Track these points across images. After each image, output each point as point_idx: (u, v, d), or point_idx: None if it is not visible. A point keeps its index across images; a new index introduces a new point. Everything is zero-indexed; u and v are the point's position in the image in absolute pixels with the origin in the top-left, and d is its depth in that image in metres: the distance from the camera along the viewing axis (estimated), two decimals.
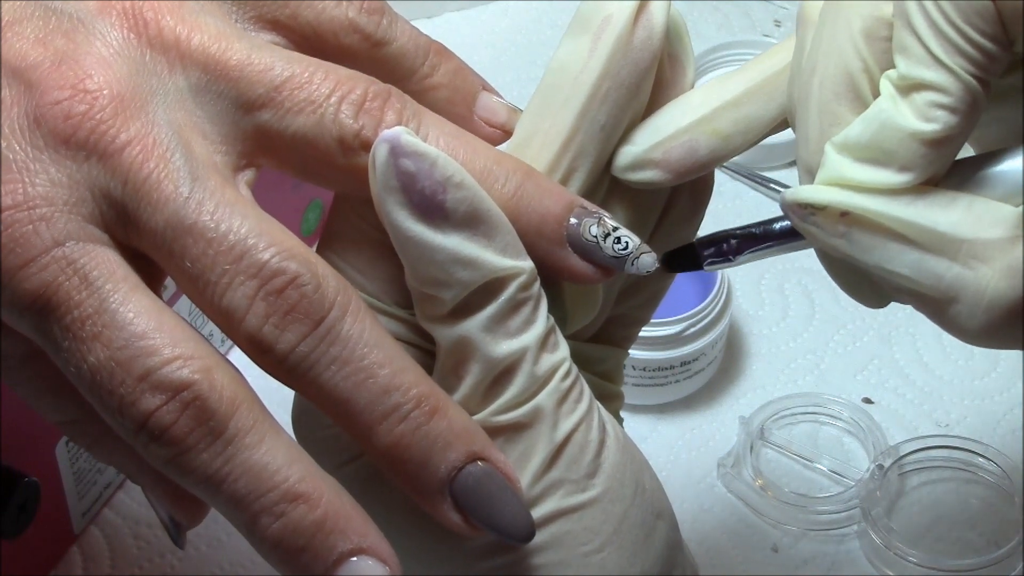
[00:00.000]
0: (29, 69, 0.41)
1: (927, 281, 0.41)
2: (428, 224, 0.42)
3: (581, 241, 0.43)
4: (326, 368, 0.40)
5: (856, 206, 0.41)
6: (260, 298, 0.40)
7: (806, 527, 0.70)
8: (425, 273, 0.42)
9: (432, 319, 0.43)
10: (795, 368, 0.78)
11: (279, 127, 0.42)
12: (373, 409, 0.41)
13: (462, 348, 0.43)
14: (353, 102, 0.42)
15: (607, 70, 0.44)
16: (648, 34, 0.45)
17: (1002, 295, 0.41)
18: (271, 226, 0.41)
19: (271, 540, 0.40)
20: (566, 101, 0.45)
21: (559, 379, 0.43)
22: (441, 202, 0.41)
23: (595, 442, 0.44)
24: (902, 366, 0.77)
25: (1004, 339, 0.42)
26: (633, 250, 0.43)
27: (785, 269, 0.82)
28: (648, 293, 0.50)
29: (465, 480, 0.41)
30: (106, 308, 0.40)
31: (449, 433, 0.41)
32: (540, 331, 0.43)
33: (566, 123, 0.45)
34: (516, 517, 0.41)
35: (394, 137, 0.41)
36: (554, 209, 0.43)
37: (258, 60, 0.43)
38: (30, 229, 0.40)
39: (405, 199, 0.41)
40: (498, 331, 0.42)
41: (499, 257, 0.42)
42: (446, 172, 0.42)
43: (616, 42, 0.44)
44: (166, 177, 0.41)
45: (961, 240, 0.41)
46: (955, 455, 0.72)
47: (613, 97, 0.45)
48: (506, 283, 0.42)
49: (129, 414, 0.40)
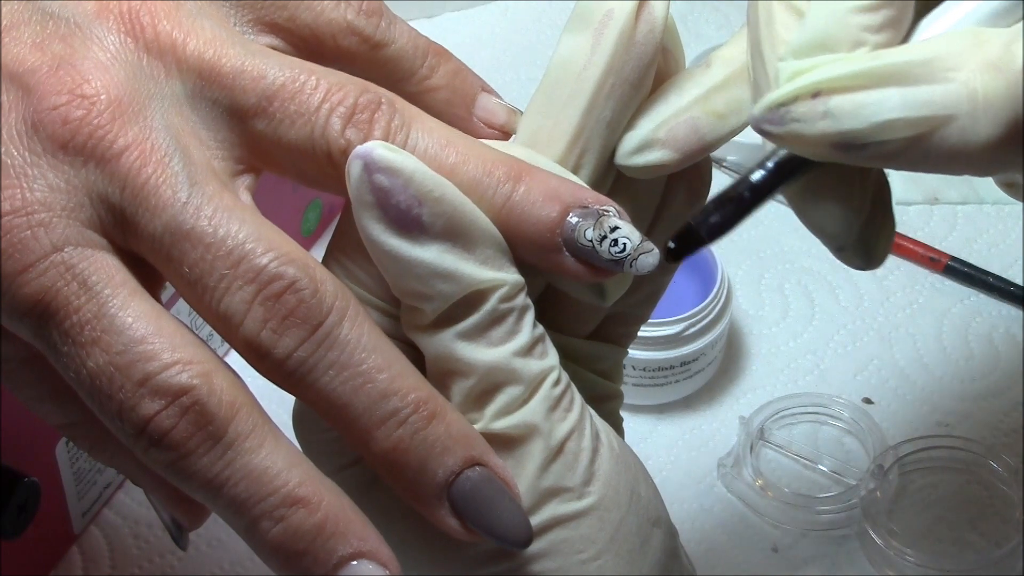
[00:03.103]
0: (27, 74, 0.41)
1: (921, 112, 0.40)
2: (405, 238, 0.41)
3: (576, 246, 0.43)
4: (324, 373, 0.40)
5: (824, 78, 0.41)
6: (258, 303, 0.40)
7: (806, 527, 0.70)
8: (404, 286, 0.42)
9: (415, 329, 0.43)
10: (795, 368, 0.77)
11: (273, 137, 0.42)
12: (371, 414, 0.41)
13: (444, 359, 0.43)
14: (342, 114, 0.42)
15: (611, 66, 0.44)
16: (650, 28, 0.45)
17: (989, 86, 0.40)
18: (269, 231, 0.41)
19: (271, 544, 0.40)
20: (570, 98, 0.45)
21: (549, 386, 0.43)
22: (417, 216, 0.41)
23: (588, 450, 0.43)
24: (902, 366, 0.77)
25: (1013, 139, 0.40)
26: (631, 251, 0.43)
27: (785, 269, 0.82)
28: (647, 291, 0.50)
29: (463, 485, 0.41)
30: (105, 313, 0.40)
31: (447, 438, 0.41)
32: (524, 341, 0.43)
33: (572, 120, 0.45)
34: (514, 523, 0.41)
35: (366, 153, 0.41)
36: (547, 217, 0.43)
37: (251, 67, 0.42)
38: (29, 235, 0.40)
39: (380, 214, 0.41)
40: (480, 341, 0.42)
41: (480, 269, 0.42)
42: (423, 187, 0.41)
43: (619, 38, 0.44)
44: (164, 182, 0.41)
45: (932, 59, 0.40)
46: (955, 455, 0.72)
47: (618, 93, 0.45)
48: (487, 295, 0.42)
49: (129, 419, 0.40)
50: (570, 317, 0.48)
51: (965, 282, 0.82)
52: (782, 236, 0.84)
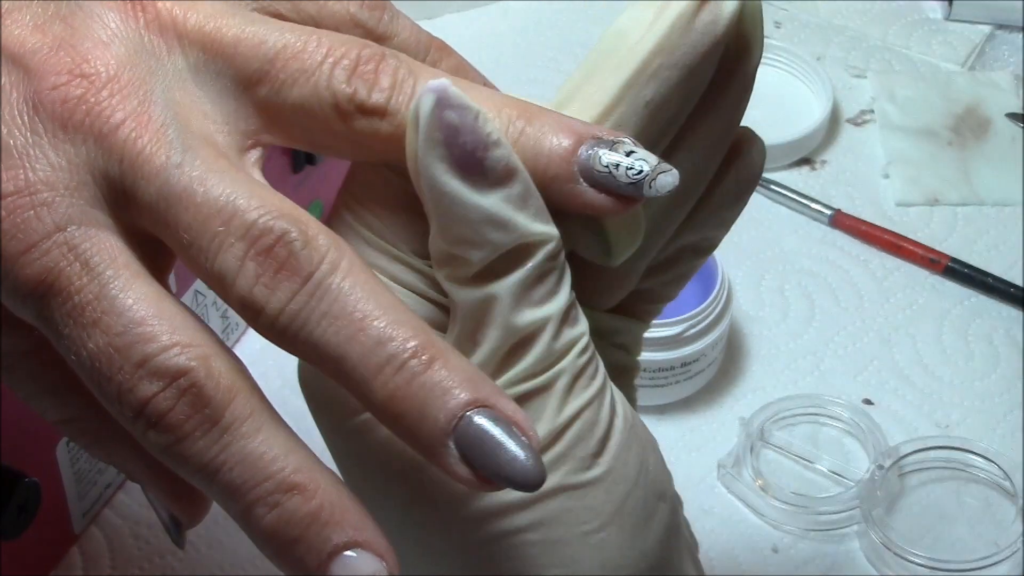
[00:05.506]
0: (27, 55, 0.41)
1: None
2: (465, 181, 0.41)
3: (593, 173, 0.41)
4: (317, 324, 0.39)
5: None
6: (249, 259, 0.39)
7: (806, 528, 0.70)
8: (456, 232, 0.41)
9: (456, 280, 0.42)
10: (795, 369, 0.78)
11: (277, 101, 0.42)
12: (368, 362, 0.39)
13: (483, 312, 0.42)
14: (346, 67, 0.42)
15: (661, 46, 0.43)
16: (713, 18, 0.43)
17: None
18: (261, 189, 0.41)
19: (265, 530, 0.40)
20: (616, 68, 0.43)
21: (576, 354, 0.43)
22: (481, 159, 0.41)
23: (605, 422, 0.43)
24: (902, 367, 0.78)
25: None
26: (648, 172, 0.41)
27: (785, 270, 0.82)
28: (677, 272, 0.49)
29: (467, 428, 0.39)
30: (106, 294, 0.40)
31: (449, 381, 0.39)
32: (563, 303, 0.42)
33: (610, 91, 0.44)
34: (524, 463, 0.39)
35: (441, 88, 0.40)
36: (560, 146, 0.42)
37: (251, 34, 0.42)
38: (32, 215, 0.40)
39: (447, 153, 0.40)
40: (523, 298, 0.42)
41: (531, 221, 0.41)
42: (487, 128, 0.41)
43: (676, 19, 0.43)
44: (159, 149, 0.40)
45: None
46: (955, 456, 0.72)
47: (664, 75, 0.43)
48: (535, 249, 0.42)
49: (127, 400, 0.39)
50: (595, 290, 0.47)
51: (965, 283, 0.82)
52: (782, 237, 0.84)
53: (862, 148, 0.91)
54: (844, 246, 0.84)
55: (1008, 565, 0.67)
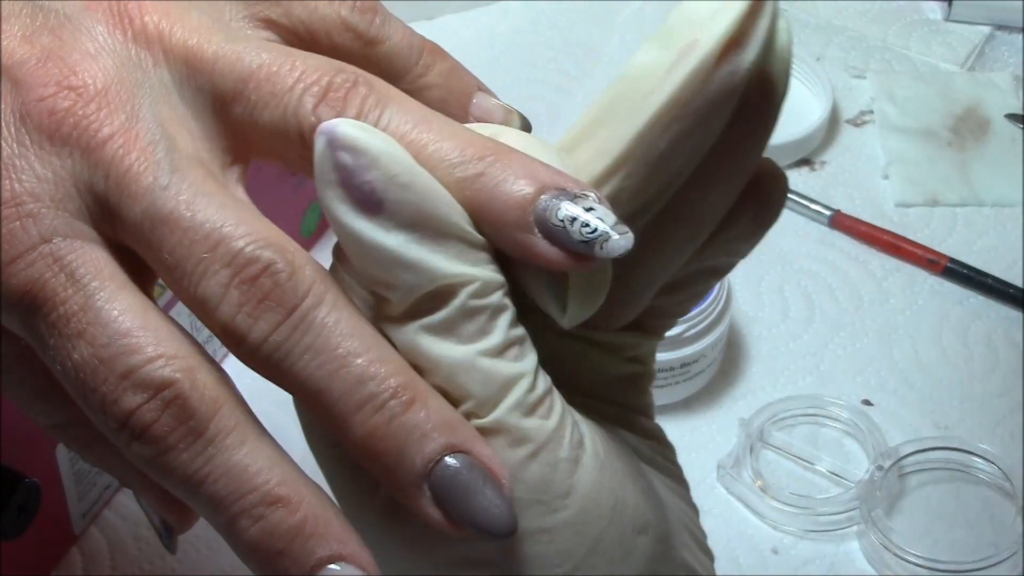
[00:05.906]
0: (15, 67, 0.41)
1: None
2: (371, 220, 0.40)
3: (548, 225, 0.40)
4: (299, 358, 0.39)
5: None
6: (234, 286, 0.39)
7: (806, 528, 0.70)
8: (368, 272, 0.41)
9: (383, 319, 0.41)
10: (795, 370, 0.78)
11: (249, 121, 0.42)
12: (347, 399, 0.39)
13: (410, 352, 0.41)
14: (315, 93, 0.41)
15: (677, 99, 0.41)
16: (731, 71, 0.40)
17: None
18: (250, 216, 0.40)
19: (249, 543, 0.39)
20: (628, 116, 0.42)
21: (522, 392, 0.41)
22: (380, 201, 0.40)
23: (567, 460, 0.41)
24: (902, 368, 0.78)
25: None
26: (602, 231, 0.40)
27: (785, 271, 0.82)
28: (692, 291, 0.47)
29: (442, 472, 0.39)
30: (91, 305, 0.40)
31: (427, 424, 0.39)
32: (496, 341, 0.41)
33: (623, 140, 0.42)
34: (496, 512, 0.39)
35: (330, 129, 0.40)
36: (519, 193, 0.40)
37: (230, 52, 0.42)
38: (17, 226, 0.40)
39: (344, 193, 0.40)
40: (448, 337, 0.40)
41: (449, 263, 0.40)
42: (389, 171, 0.40)
43: (694, 73, 0.40)
44: (146, 169, 0.40)
45: None
46: (955, 457, 0.72)
47: (678, 127, 0.41)
48: (456, 290, 0.40)
49: (111, 412, 0.39)
50: (607, 312, 0.45)
51: (964, 284, 0.82)
52: (782, 238, 0.84)
53: (861, 149, 0.91)
54: (843, 247, 0.84)
55: (1008, 566, 0.67)
